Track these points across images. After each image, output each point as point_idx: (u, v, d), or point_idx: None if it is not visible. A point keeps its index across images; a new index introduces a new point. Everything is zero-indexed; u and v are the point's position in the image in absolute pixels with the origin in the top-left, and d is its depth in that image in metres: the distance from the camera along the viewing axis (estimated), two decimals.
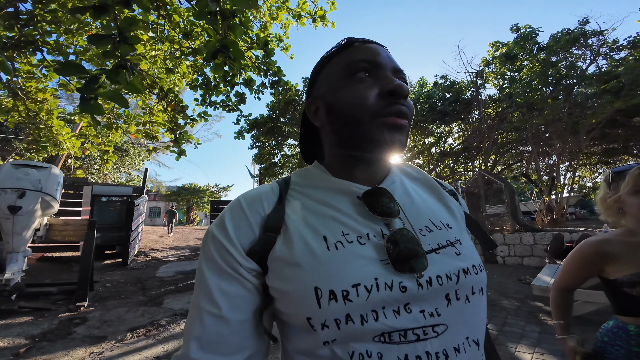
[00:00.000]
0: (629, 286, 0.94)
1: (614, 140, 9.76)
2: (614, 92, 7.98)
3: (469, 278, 0.43)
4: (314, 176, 0.53)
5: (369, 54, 0.48)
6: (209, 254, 0.45)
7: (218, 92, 3.82)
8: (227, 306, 0.41)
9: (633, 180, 0.99)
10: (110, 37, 1.49)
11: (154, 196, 30.67)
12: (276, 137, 13.03)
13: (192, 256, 8.20)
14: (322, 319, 0.38)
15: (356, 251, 0.42)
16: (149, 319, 3.53)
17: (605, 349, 0.99)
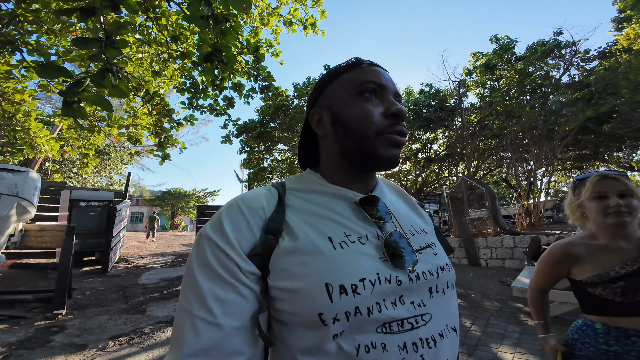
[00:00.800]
0: (591, 287, 1.00)
1: (586, 147, 10.33)
2: (586, 100, 8.47)
3: (445, 274, 0.51)
4: (310, 182, 0.56)
5: (376, 76, 0.53)
6: (203, 258, 0.44)
7: (206, 96, 3.79)
8: (222, 313, 0.40)
9: (592, 186, 1.06)
10: (97, 40, 1.46)
11: (137, 201, 29.74)
12: (266, 142, 12.97)
13: (176, 263, 7.98)
14: (333, 313, 0.40)
15: (359, 249, 0.46)
16: (132, 327, 3.42)
17: (575, 346, 1.04)
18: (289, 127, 12.13)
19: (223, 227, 0.45)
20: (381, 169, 0.53)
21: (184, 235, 19.42)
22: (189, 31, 2.99)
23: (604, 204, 1.02)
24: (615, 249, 1.02)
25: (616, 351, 0.95)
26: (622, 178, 1.04)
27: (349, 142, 0.52)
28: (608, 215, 1.01)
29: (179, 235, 19.69)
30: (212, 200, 29.38)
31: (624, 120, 8.61)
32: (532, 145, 8.51)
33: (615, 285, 0.96)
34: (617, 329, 0.96)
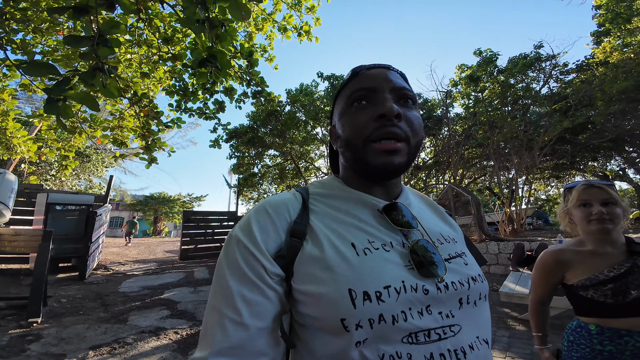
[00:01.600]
0: (583, 290, 1.05)
1: (563, 156, 10.85)
2: (563, 112, 8.93)
3: (477, 285, 0.49)
4: (333, 187, 0.57)
5: (368, 81, 0.52)
6: (232, 259, 0.45)
7: (195, 99, 3.73)
8: (248, 313, 0.41)
9: (577, 195, 1.13)
10: (89, 39, 1.43)
11: (117, 205, 28.69)
12: (256, 148, 12.84)
13: (159, 270, 7.71)
14: (356, 320, 0.39)
15: (383, 257, 0.45)
16: (113, 337, 3.26)
17: (572, 347, 1.08)
18: (281, 133, 12.06)
19: (251, 229, 0.46)
20: (380, 179, 0.52)
21: (168, 242, 18.84)
22: (182, 33, 2.95)
23: (588, 211, 1.09)
24: (602, 254, 1.08)
25: (611, 351, 1.00)
26: (606, 187, 1.10)
27: (347, 154, 0.53)
28: (591, 222, 1.08)
29: (162, 241, 19.07)
30: (199, 205, 28.66)
31: (599, 131, 9.13)
32: (514, 154, 8.87)
33: (605, 288, 1.01)
34: (610, 329, 1.01)
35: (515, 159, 8.82)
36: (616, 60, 8.35)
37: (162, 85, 3.90)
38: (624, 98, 8.34)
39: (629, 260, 1.03)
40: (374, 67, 0.55)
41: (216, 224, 10.48)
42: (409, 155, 0.50)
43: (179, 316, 4.01)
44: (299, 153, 13.54)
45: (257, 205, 0.51)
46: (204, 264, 8.49)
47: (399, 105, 0.51)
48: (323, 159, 15.12)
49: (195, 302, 4.67)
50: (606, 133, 9.01)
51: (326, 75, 11.66)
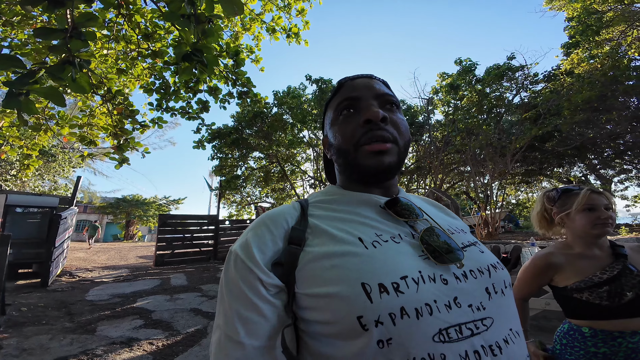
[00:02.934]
0: (577, 292, 1.07)
1: (532, 163, 11.49)
2: (533, 120, 9.47)
3: (499, 273, 0.47)
4: (333, 193, 0.57)
5: (352, 90, 0.55)
6: (231, 277, 0.45)
7: (177, 98, 3.60)
8: (244, 332, 0.40)
9: (584, 199, 1.13)
10: (62, 31, 1.34)
11: (84, 208, 27.03)
12: (241, 149, 12.57)
13: (132, 277, 7.29)
14: (375, 315, 0.36)
15: (394, 248, 0.44)
16: (80, 348, 3.02)
17: (565, 350, 1.09)
18: (267, 135, 11.86)
19: (249, 243, 0.46)
20: (374, 180, 0.53)
21: (141, 246, 17.96)
22: (164, 30, 2.82)
23: (594, 215, 1.11)
24: (591, 257, 1.11)
25: (605, 353, 1.01)
26: (606, 193, 1.14)
27: (340, 160, 0.55)
28: (596, 226, 1.10)
29: (134, 246, 18.15)
30: (176, 209, 27.58)
31: (564, 139, 9.76)
32: (488, 160, 9.30)
33: (601, 290, 1.03)
34: (603, 331, 1.02)
35: (489, 165, 9.26)
36: (583, 71, 8.99)
37: (139, 83, 3.72)
38: (588, 108, 8.99)
39: (619, 263, 1.06)
40: (357, 78, 0.58)
41: (195, 228, 10.11)
42: (398, 155, 0.51)
43: (154, 326, 3.80)
44: (285, 156, 13.40)
45: (256, 220, 0.51)
46: (182, 270, 8.14)
47: (384, 110, 0.53)
48: (309, 162, 15.05)
49: (172, 310, 4.45)
50: (571, 141, 9.66)
51: (314, 79, 11.62)
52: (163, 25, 2.82)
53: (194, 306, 4.60)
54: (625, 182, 12.65)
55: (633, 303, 1.00)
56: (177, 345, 3.17)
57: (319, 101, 11.40)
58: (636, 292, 1.01)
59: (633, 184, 12.64)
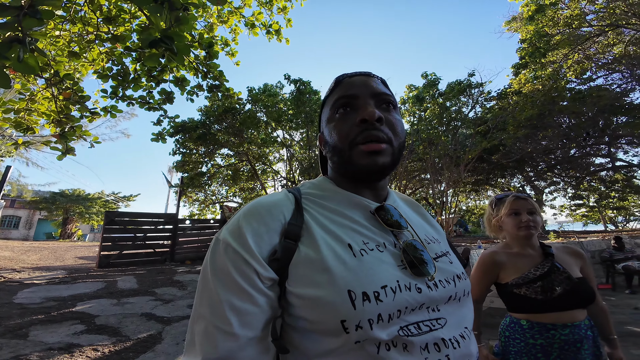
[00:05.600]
0: (517, 288, 1.18)
1: (481, 173, 12.64)
2: (483, 134, 10.43)
3: (462, 282, 0.52)
4: (326, 189, 0.57)
5: (349, 88, 0.55)
6: (220, 265, 0.43)
7: (137, 87, 3.31)
8: (238, 323, 0.40)
9: (509, 205, 1.28)
10: (15, 8, 1.21)
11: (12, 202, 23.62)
12: (208, 145, 11.87)
13: (70, 279, 6.50)
14: (356, 320, 0.40)
15: (378, 257, 0.46)
16: (12, 353, 2.64)
17: (509, 342, 1.20)
18: (238, 132, 11.37)
19: (242, 233, 0.44)
20: (367, 179, 0.54)
21: (81, 246, 16.16)
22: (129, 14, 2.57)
23: (518, 219, 1.25)
24: (526, 256, 1.24)
25: (542, 344, 1.11)
26: (530, 199, 1.28)
27: (335, 158, 0.55)
28: (520, 229, 1.24)
29: (73, 245, 16.27)
30: (127, 206, 25.22)
31: (508, 152, 10.90)
32: (445, 169, 10.03)
33: (535, 285, 1.15)
34: (539, 324, 1.13)
35: (446, 174, 9.98)
36: (527, 90, 10.11)
37: (93, 68, 3.36)
38: (528, 125, 10.15)
39: (548, 261, 1.19)
40: (355, 75, 0.58)
41: (150, 227, 9.36)
42: (392, 155, 0.52)
43: (98, 331, 3.42)
44: (256, 154, 13.01)
45: (248, 207, 0.49)
46: (131, 273, 7.47)
47: (380, 109, 0.53)
48: (282, 162, 14.74)
49: (120, 315, 4.05)
50: (513, 154, 10.82)
51: (293, 79, 11.40)
52: (129, 9, 2.57)
53: (146, 311, 4.24)
54: (554, 193, 14.49)
55: (562, 297, 1.11)
56: (126, 352, 2.90)
57: (297, 102, 11.25)
58: (564, 287, 1.13)
59: (560, 195, 14.53)
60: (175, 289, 5.64)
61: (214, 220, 11.95)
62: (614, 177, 12.54)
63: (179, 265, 8.86)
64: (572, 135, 10.97)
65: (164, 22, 1.55)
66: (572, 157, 11.78)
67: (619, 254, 5.55)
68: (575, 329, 1.11)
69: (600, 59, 10.41)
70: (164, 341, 3.16)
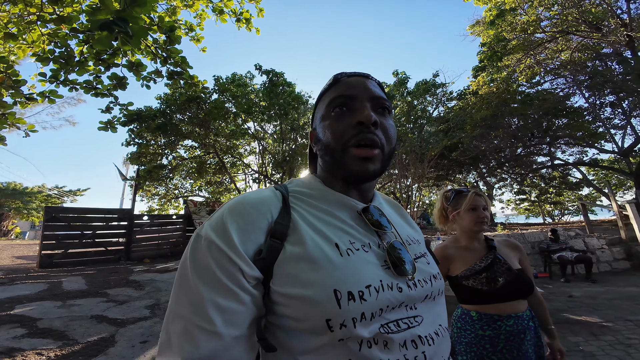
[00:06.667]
0: (465, 279, 1.23)
1: (442, 169, 13.41)
2: (445, 132, 11.03)
3: (437, 282, 0.55)
4: (315, 188, 0.56)
5: (348, 88, 0.54)
6: (202, 263, 0.42)
7: (82, 71, 2.96)
8: (222, 322, 0.39)
9: (470, 200, 1.32)
10: None
11: None
12: (168, 136, 10.99)
13: (7, 281, 5.76)
14: (341, 319, 0.41)
15: (363, 257, 0.47)
16: None
17: (460, 334, 1.24)
18: (203, 122, 10.67)
19: (227, 230, 0.43)
20: (356, 183, 0.55)
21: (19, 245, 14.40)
22: None
23: (476, 215, 1.29)
24: (472, 249, 1.29)
25: (490, 335, 1.16)
26: (484, 196, 1.35)
27: (326, 157, 0.55)
28: (477, 224, 1.28)
29: (9, 244, 14.45)
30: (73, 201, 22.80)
31: (465, 150, 11.63)
32: (411, 165, 10.46)
33: (480, 276, 1.21)
34: (487, 315, 1.18)
35: (412, 169, 10.42)
36: (484, 92, 10.81)
37: (32, 50, 2.95)
38: (483, 124, 10.91)
39: (491, 254, 1.25)
40: (354, 75, 0.57)
41: (100, 223, 8.57)
42: (382, 162, 0.52)
43: (41, 335, 3.10)
44: (224, 147, 12.38)
45: (233, 203, 0.48)
46: (79, 273, 6.80)
47: (376, 113, 0.53)
48: (254, 155, 14.19)
49: (66, 318, 3.67)
50: (469, 152, 11.58)
51: (265, 69, 10.83)
52: None
53: (97, 313, 3.89)
54: (503, 189, 15.89)
55: (505, 288, 1.17)
56: (74, 356, 2.68)
57: (269, 93, 10.77)
58: (506, 278, 1.18)
59: (507, 190, 15.97)
60: (130, 289, 5.26)
61: (176, 215, 11.28)
62: (552, 175, 14.05)
63: (135, 264, 8.26)
64: (520, 135, 11.99)
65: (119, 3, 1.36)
66: (519, 155, 12.90)
67: (554, 245, 6.07)
68: (519, 319, 1.17)
69: (548, 64, 11.43)
70: (118, 344, 2.95)
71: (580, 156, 13.29)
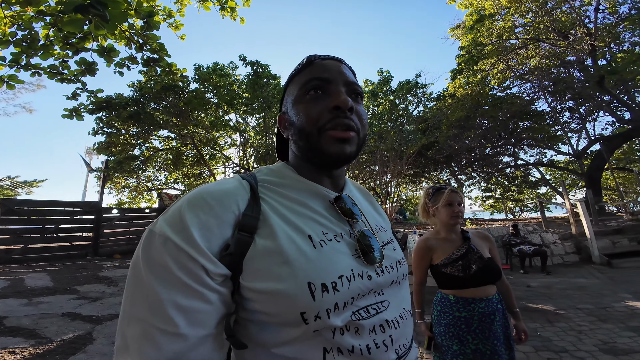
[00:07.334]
0: (444, 267, 1.38)
1: (419, 166, 13.84)
2: (423, 131, 11.38)
3: (402, 267, 0.57)
4: (286, 177, 0.55)
5: (323, 71, 0.53)
6: (158, 262, 0.38)
7: (46, 55, 2.73)
8: (185, 323, 0.37)
9: (447, 197, 1.46)
10: None
11: None
12: (142, 125, 10.36)
13: None
14: (315, 311, 0.41)
15: (336, 247, 0.48)
16: None
17: (441, 316, 1.38)
18: (181, 113, 10.16)
19: (186, 225, 0.40)
20: (332, 166, 0.54)
21: None
22: None
23: (451, 209, 1.43)
24: (450, 240, 1.44)
25: (465, 317, 1.31)
26: (459, 192, 1.49)
27: (300, 142, 0.53)
28: (452, 218, 1.43)
29: None
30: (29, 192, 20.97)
31: (440, 149, 12.10)
32: (391, 162, 10.72)
33: (457, 264, 1.35)
34: (462, 298, 1.33)
35: (391, 166, 10.69)
36: (460, 94, 11.27)
37: None
38: (458, 125, 11.42)
39: (466, 244, 1.40)
40: (328, 58, 0.56)
41: (64, 217, 8.02)
42: (357, 145, 0.52)
43: (10, 333, 2.91)
44: (204, 138, 11.89)
45: (193, 195, 0.44)
46: (42, 269, 6.34)
47: (350, 99, 0.52)
48: (235, 147, 13.72)
49: (35, 316, 3.44)
50: (444, 151, 12.08)
51: (250, 61, 10.37)
52: None
53: (69, 310, 3.68)
54: (472, 186, 16.73)
55: (477, 274, 1.32)
56: (51, 354, 2.54)
57: (253, 85, 10.39)
58: (478, 265, 1.33)
59: (475, 187, 16.85)
60: (103, 285, 5.01)
61: (149, 209, 10.80)
62: (515, 174, 15.00)
63: (105, 259, 7.84)
64: (489, 136, 12.68)
65: None
66: (487, 155, 13.65)
67: (515, 239, 6.58)
68: (489, 302, 1.32)
69: (518, 69, 12.12)
70: (97, 341, 2.83)
71: (540, 157, 14.33)
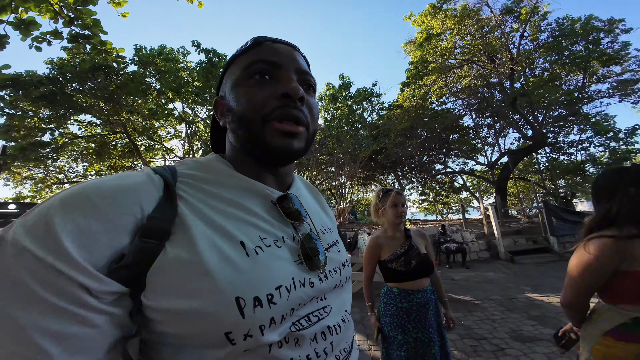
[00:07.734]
0: (390, 262, 1.56)
1: (369, 170, 14.78)
2: (374, 137, 12.23)
3: (346, 270, 0.54)
4: (218, 172, 0.46)
5: (272, 54, 0.47)
6: (11, 279, 0.29)
7: None
8: (60, 350, 0.29)
9: (392, 198, 1.64)
10: None
11: None
12: (57, 108, 8.55)
13: None
14: (245, 329, 0.35)
15: (275, 254, 0.42)
16: None
17: (387, 308, 1.55)
18: (111, 97, 8.79)
19: (54, 232, 0.30)
20: (277, 162, 0.48)
21: None
22: None
23: (397, 210, 1.59)
24: (395, 238, 1.59)
25: (406, 307, 1.48)
26: (403, 193, 1.70)
27: (239, 131, 0.46)
28: (397, 217, 1.58)
29: None
30: None
31: (388, 155, 13.18)
32: (346, 165, 11.22)
33: (400, 260, 1.54)
34: (404, 290, 1.52)
35: (346, 168, 11.19)
36: (406, 106, 12.42)
37: None
38: (403, 134, 12.67)
39: (407, 241, 1.56)
40: (279, 42, 0.50)
41: None
42: (307, 141, 0.47)
43: None
44: (139, 127, 10.50)
45: (71, 193, 0.34)
46: None
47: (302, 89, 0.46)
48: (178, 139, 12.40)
49: None
50: (391, 157, 13.21)
51: (205, 48, 9.44)
52: None
53: None
54: (411, 190, 18.62)
55: (416, 268, 1.50)
56: None
57: (206, 74, 9.54)
58: (416, 260, 1.51)
59: (414, 191, 18.81)
60: None
61: None
62: (444, 180, 17.27)
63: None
64: (426, 146, 14.38)
65: None
66: (424, 162, 15.44)
67: (443, 238, 7.68)
68: (425, 293, 1.52)
69: (453, 87, 13.97)
70: None
71: (463, 166, 16.78)
